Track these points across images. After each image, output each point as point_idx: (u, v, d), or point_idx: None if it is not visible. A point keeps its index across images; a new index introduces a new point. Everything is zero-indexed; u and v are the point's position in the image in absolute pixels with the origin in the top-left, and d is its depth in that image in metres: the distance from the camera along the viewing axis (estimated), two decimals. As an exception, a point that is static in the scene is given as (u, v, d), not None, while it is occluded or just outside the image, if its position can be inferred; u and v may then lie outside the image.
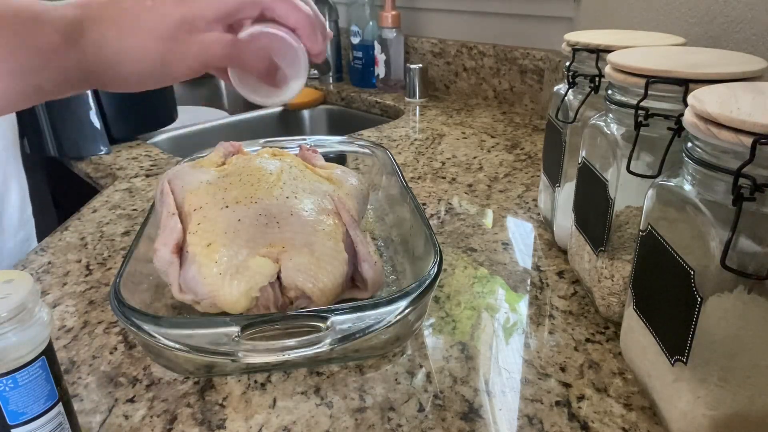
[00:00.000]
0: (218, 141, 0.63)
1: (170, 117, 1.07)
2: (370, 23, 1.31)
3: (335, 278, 0.47)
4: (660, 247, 0.37)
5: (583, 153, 0.51)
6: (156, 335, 0.39)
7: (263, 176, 0.53)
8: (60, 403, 0.34)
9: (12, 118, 0.64)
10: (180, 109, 1.11)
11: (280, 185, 0.52)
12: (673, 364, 0.36)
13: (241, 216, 0.48)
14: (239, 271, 0.45)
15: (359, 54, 1.33)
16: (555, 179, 0.61)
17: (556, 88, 0.61)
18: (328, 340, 0.39)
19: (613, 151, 0.45)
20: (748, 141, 0.29)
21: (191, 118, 1.21)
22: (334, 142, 0.73)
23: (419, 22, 1.31)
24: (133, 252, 0.48)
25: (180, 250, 0.47)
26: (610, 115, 0.47)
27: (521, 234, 0.65)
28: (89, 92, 0.90)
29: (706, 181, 0.34)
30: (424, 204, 0.73)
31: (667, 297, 0.37)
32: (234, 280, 0.45)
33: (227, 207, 0.49)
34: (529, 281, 0.56)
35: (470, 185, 0.78)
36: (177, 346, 0.39)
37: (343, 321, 0.40)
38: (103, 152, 0.94)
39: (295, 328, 0.40)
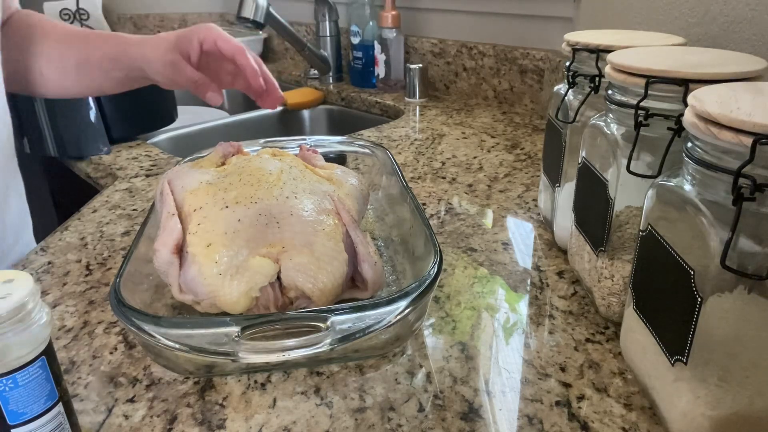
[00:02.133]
0: (218, 141, 0.63)
1: (170, 117, 1.07)
2: (370, 23, 1.31)
3: (335, 278, 0.47)
4: (660, 247, 0.37)
5: (583, 153, 0.51)
6: (156, 335, 0.39)
7: (263, 176, 0.53)
8: (60, 403, 0.34)
9: (7, 122, 0.65)
10: (180, 109, 1.11)
11: (280, 185, 0.52)
12: (673, 364, 0.36)
13: (241, 216, 0.48)
14: (239, 271, 0.45)
15: (359, 54, 1.33)
16: (555, 179, 0.61)
17: (556, 88, 0.61)
18: (328, 340, 0.39)
19: (613, 151, 0.45)
20: (748, 141, 0.29)
21: (191, 118, 1.21)
22: (334, 142, 0.73)
23: (419, 22, 1.31)
24: (133, 252, 0.48)
25: (180, 250, 0.47)
26: (610, 115, 0.47)
27: (521, 234, 0.65)
28: (89, 92, 0.90)
29: (706, 181, 0.34)
30: (424, 204, 0.73)
31: (667, 297, 0.37)
32: (234, 280, 0.45)
33: (227, 207, 0.49)
34: (529, 281, 0.56)
35: (470, 185, 0.78)
36: (177, 346, 0.39)
37: (343, 321, 0.40)
38: (103, 152, 0.94)
39: (295, 328, 0.40)
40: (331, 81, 1.42)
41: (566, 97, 0.58)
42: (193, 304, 0.47)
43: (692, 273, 0.34)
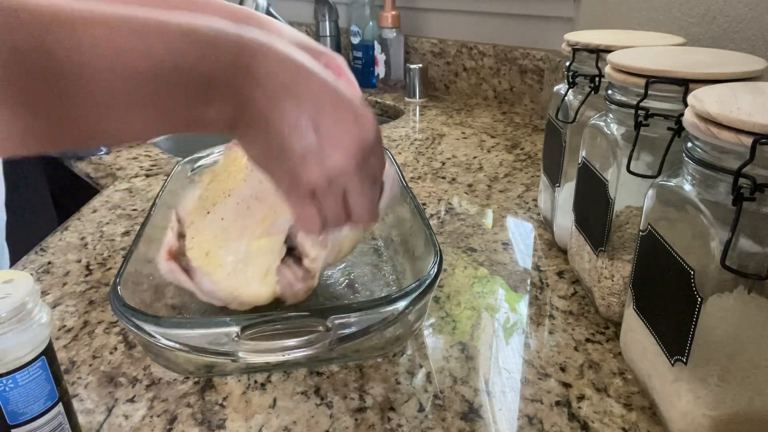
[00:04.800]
0: (218, 141, 0.63)
1: (170, 117, 1.06)
2: (370, 23, 1.31)
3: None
4: (660, 247, 0.37)
5: (583, 153, 0.51)
6: (156, 335, 0.39)
7: (232, 169, 0.53)
8: (60, 403, 0.34)
9: None
10: (180, 109, 1.11)
11: (244, 169, 0.51)
12: (673, 364, 0.36)
13: (222, 214, 0.48)
14: (246, 262, 0.45)
15: (359, 54, 1.33)
16: (555, 179, 0.61)
17: (556, 88, 0.61)
18: (328, 340, 0.39)
19: (613, 151, 0.45)
20: (748, 141, 0.29)
21: (191, 118, 1.20)
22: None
23: (419, 22, 1.31)
24: (133, 252, 0.48)
25: (175, 257, 0.47)
26: (610, 115, 0.47)
27: (521, 234, 0.65)
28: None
29: (706, 181, 0.34)
30: (424, 204, 0.73)
31: (667, 297, 0.37)
32: (246, 273, 0.45)
33: (209, 213, 0.49)
34: (529, 281, 0.56)
35: (470, 185, 0.78)
36: (177, 346, 0.39)
37: (343, 321, 0.40)
38: (103, 152, 0.94)
39: (295, 328, 0.40)
40: (331, 81, 1.42)
41: (566, 97, 0.58)
42: (225, 305, 0.47)
43: (692, 273, 0.34)
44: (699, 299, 0.33)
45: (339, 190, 0.37)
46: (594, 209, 0.49)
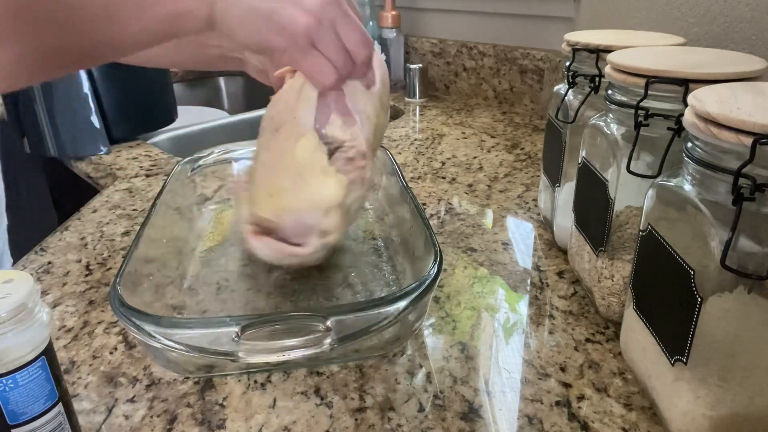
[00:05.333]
0: (218, 141, 0.63)
1: (170, 117, 1.07)
2: (370, 23, 1.31)
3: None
4: (660, 247, 0.37)
5: (583, 153, 0.51)
6: (156, 335, 0.39)
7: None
8: (60, 403, 0.34)
9: None
10: (180, 109, 1.11)
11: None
12: (673, 364, 0.36)
13: (259, 164, 0.49)
14: (301, 173, 0.45)
15: (359, 54, 1.33)
16: (555, 179, 0.61)
17: (556, 88, 0.61)
18: (328, 340, 0.39)
19: (613, 151, 0.45)
20: (748, 141, 0.29)
21: (191, 118, 1.21)
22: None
23: (419, 22, 1.31)
24: (133, 252, 0.48)
25: (259, 232, 0.48)
26: (610, 115, 0.47)
27: (521, 234, 0.65)
28: (89, 92, 0.90)
29: (706, 181, 0.34)
30: (424, 204, 0.73)
31: (667, 297, 0.37)
32: (308, 181, 0.45)
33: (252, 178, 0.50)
34: (529, 281, 0.56)
35: (470, 185, 0.78)
36: (177, 346, 0.39)
37: (342, 321, 0.40)
38: (103, 152, 0.94)
39: (295, 328, 0.40)
40: (331, 81, 1.42)
41: (566, 97, 0.58)
42: (331, 239, 0.46)
43: (692, 273, 0.34)
44: (699, 299, 0.33)
45: (330, 24, 0.41)
46: (594, 209, 0.49)
